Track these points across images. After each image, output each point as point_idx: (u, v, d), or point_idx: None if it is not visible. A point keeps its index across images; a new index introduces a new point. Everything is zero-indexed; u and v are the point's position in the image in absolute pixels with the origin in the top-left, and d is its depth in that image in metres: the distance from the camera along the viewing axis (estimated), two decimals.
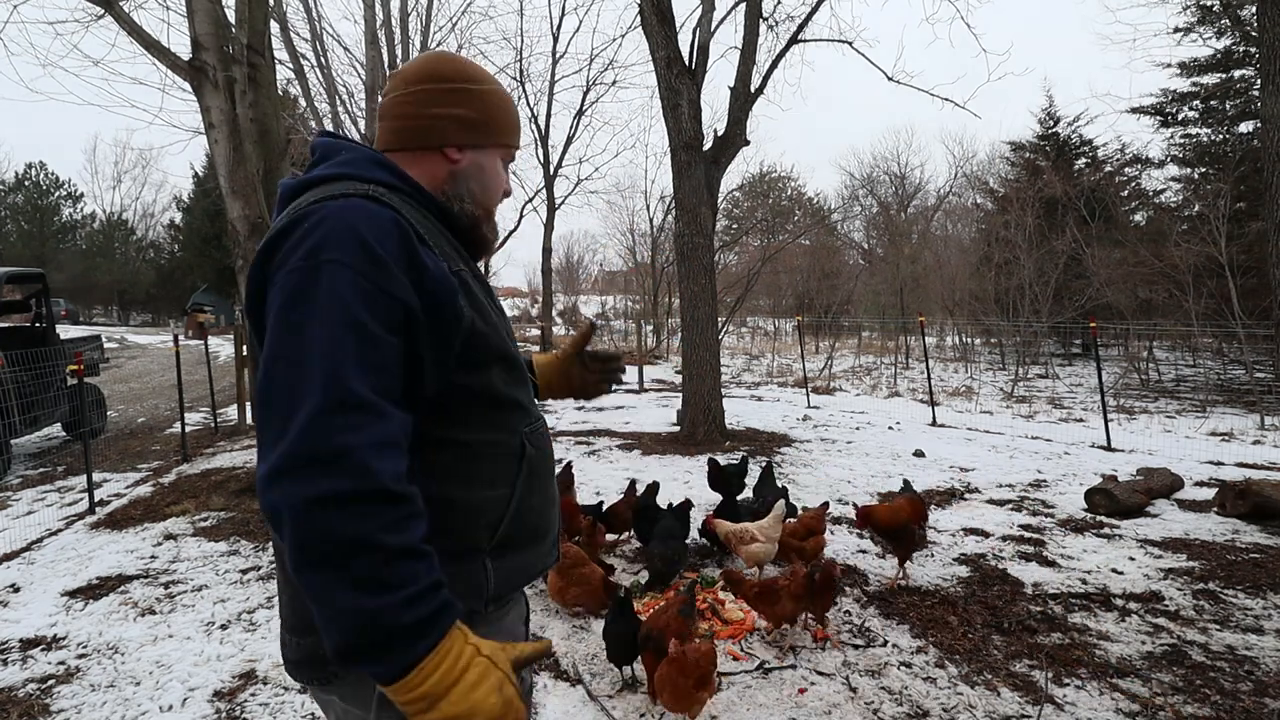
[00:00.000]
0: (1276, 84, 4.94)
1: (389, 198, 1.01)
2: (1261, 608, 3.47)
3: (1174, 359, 14.72)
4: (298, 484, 0.82)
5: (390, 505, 0.85)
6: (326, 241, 0.92)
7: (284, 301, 0.90)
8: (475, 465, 1.06)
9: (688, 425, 7.81)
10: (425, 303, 0.96)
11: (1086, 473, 6.19)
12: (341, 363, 0.87)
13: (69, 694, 2.89)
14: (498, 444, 1.09)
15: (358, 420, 0.85)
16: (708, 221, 7.76)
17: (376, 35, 14.01)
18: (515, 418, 1.12)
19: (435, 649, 0.85)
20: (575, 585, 3.27)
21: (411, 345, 0.95)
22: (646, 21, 7.54)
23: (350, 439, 0.84)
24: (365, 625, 0.82)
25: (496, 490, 1.08)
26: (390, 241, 0.94)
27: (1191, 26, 14.61)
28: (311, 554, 0.82)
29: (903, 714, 2.61)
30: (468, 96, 1.14)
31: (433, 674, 0.84)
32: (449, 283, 0.99)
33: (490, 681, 0.87)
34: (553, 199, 21.71)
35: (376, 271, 0.92)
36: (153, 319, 41.76)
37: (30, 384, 7.14)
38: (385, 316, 0.91)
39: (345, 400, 0.85)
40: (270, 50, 5.74)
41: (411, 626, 0.83)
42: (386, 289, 0.92)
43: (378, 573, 0.82)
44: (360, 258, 0.91)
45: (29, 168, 39.76)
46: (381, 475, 0.84)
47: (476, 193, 1.17)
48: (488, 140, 1.17)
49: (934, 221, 28.30)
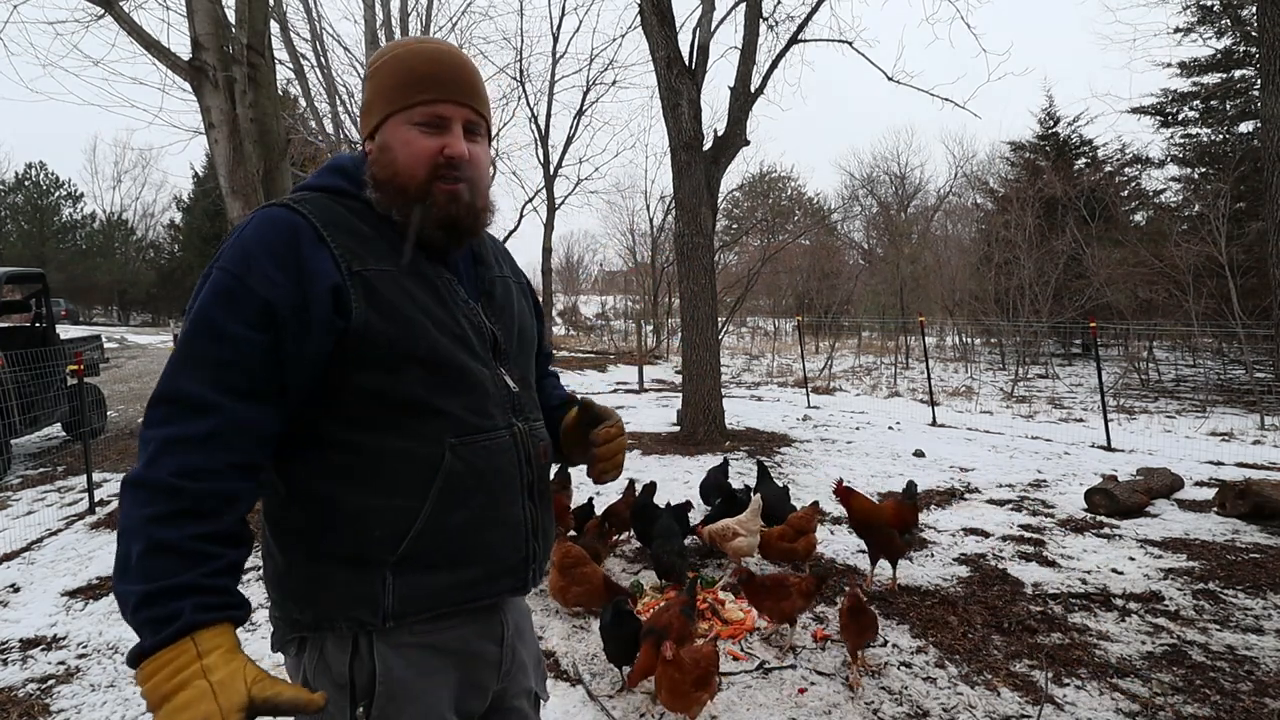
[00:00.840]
0: (1276, 84, 4.94)
1: (307, 203, 1.04)
2: (1261, 608, 3.47)
3: (1174, 359, 14.72)
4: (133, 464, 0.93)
5: (164, 497, 0.88)
6: (224, 251, 0.99)
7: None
8: (373, 471, 1.01)
9: (688, 425, 7.81)
10: (298, 300, 0.96)
11: (1086, 473, 6.19)
12: (180, 360, 0.94)
13: (69, 694, 2.89)
14: (406, 452, 1.02)
15: (167, 413, 0.92)
16: (708, 221, 7.76)
17: (376, 35, 14.02)
18: (437, 426, 1.03)
19: (155, 655, 0.83)
20: (576, 585, 3.26)
21: (276, 340, 0.96)
22: (646, 21, 7.54)
23: (153, 432, 0.91)
24: (120, 603, 0.87)
25: (396, 501, 1.01)
26: (276, 241, 0.98)
27: (1191, 26, 14.62)
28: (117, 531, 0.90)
29: (903, 714, 2.61)
30: (368, 82, 1.11)
31: (150, 679, 0.83)
32: (326, 279, 0.97)
33: (198, 710, 0.80)
34: (553, 199, 21.70)
35: (245, 270, 0.96)
36: (153, 319, 41.74)
37: (30, 384, 7.13)
38: (243, 313, 0.94)
39: (165, 394, 0.93)
40: (270, 50, 5.74)
41: (141, 623, 0.85)
42: (251, 286, 0.95)
43: (133, 560, 0.86)
44: (236, 260, 0.97)
45: (29, 168, 39.74)
46: (164, 466, 0.89)
47: (378, 174, 1.06)
48: (380, 113, 1.07)
49: (934, 221, 28.28)
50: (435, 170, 1.05)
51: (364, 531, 1.01)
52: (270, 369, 0.96)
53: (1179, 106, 15.86)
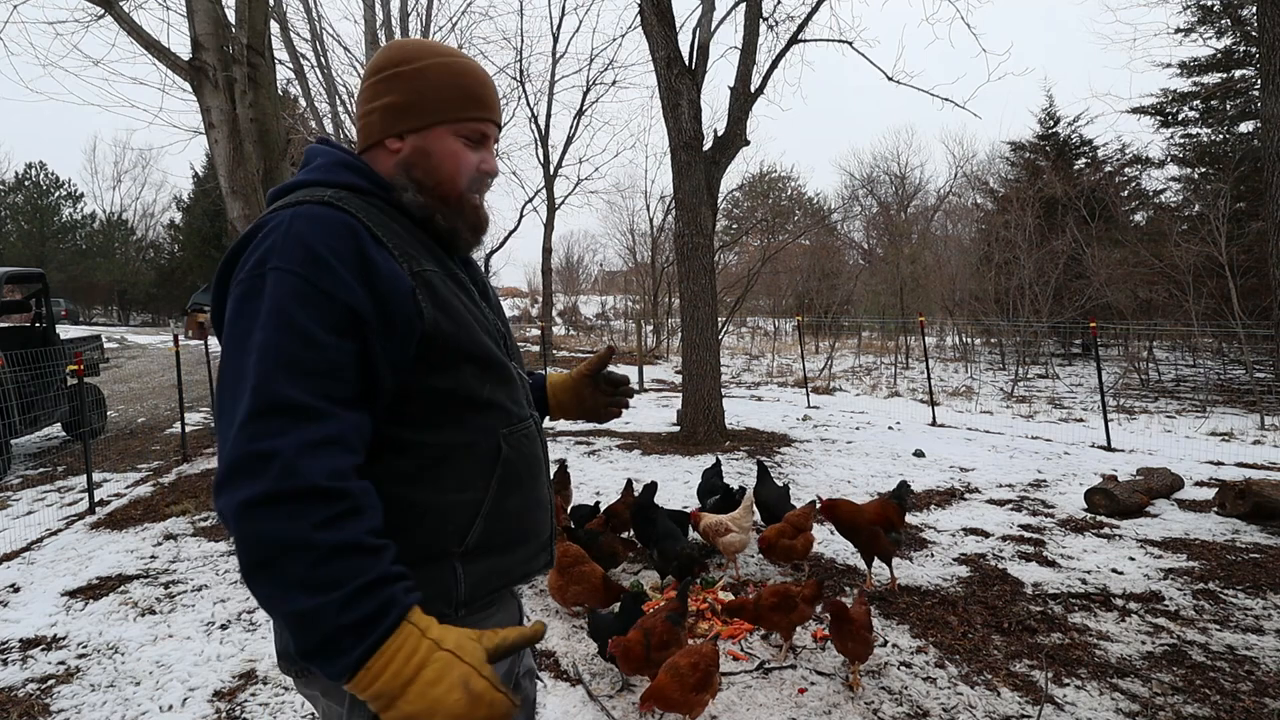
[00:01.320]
0: (1276, 84, 4.94)
1: (347, 201, 1.01)
2: (1261, 608, 3.47)
3: (1174, 359, 14.71)
4: (233, 490, 0.83)
5: (322, 502, 0.83)
6: (273, 250, 0.93)
7: (232, 311, 0.93)
8: (443, 468, 1.03)
9: (688, 425, 7.81)
10: (377, 304, 0.95)
11: (1086, 473, 6.19)
12: (274, 368, 0.87)
13: (69, 694, 2.89)
14: (469, 446, 1.06)
15: (284, 423, 0.85)
16: (708, 221, 7.76)
17: (376, 35, 14.02)
18: (492, 419, 1.09)
19: (380, 648, 0.82)
20: (575, 584, 3.27)
21: (364, 346, 0.94)
22: (646, 21, 7.55)
23: (278, 442, 0.84)
24: (308, 626, 0.81)
25: (466, 494, 1.05)
26: (339, 244, 0.94)
27: (1192, 26, 14.61)
28: (250, 558, 0.82)
29: (903, 714, 2.61)
30: (397, 80, 1.09)
31: (383, 673, 0.81)
32: (402, 283, 0.98)
33: (451, 677, 0.83)
34: (553, 199, 21.72)
35: (320, 275, 0.91)
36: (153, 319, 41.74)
37: (30, 384, 7.13)
38: (331, 320, 0.91)
39: (274, 404, 0.85)
40: (270, 50, 5.74)
41: (350, 626, 0.81)
42: (330, 292, 0.91)
43: (312, 573, 0.81)
44: (305, 263, 0.92)
45: (29, 168, 39.74)
46: (310, 473, 0.83)
47: (422, 179, 1.09)
48: (425, 120, 1.09)
49: (934, 221, 28.28)
50: (472, 183, 1.13)
51: (439, 528, 1.03)
52: (361, 375, 0.94)
53: (1179, 106, 15.85)
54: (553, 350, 18.84)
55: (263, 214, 1.02)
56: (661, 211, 23.98)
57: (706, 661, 2.41)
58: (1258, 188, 10.48)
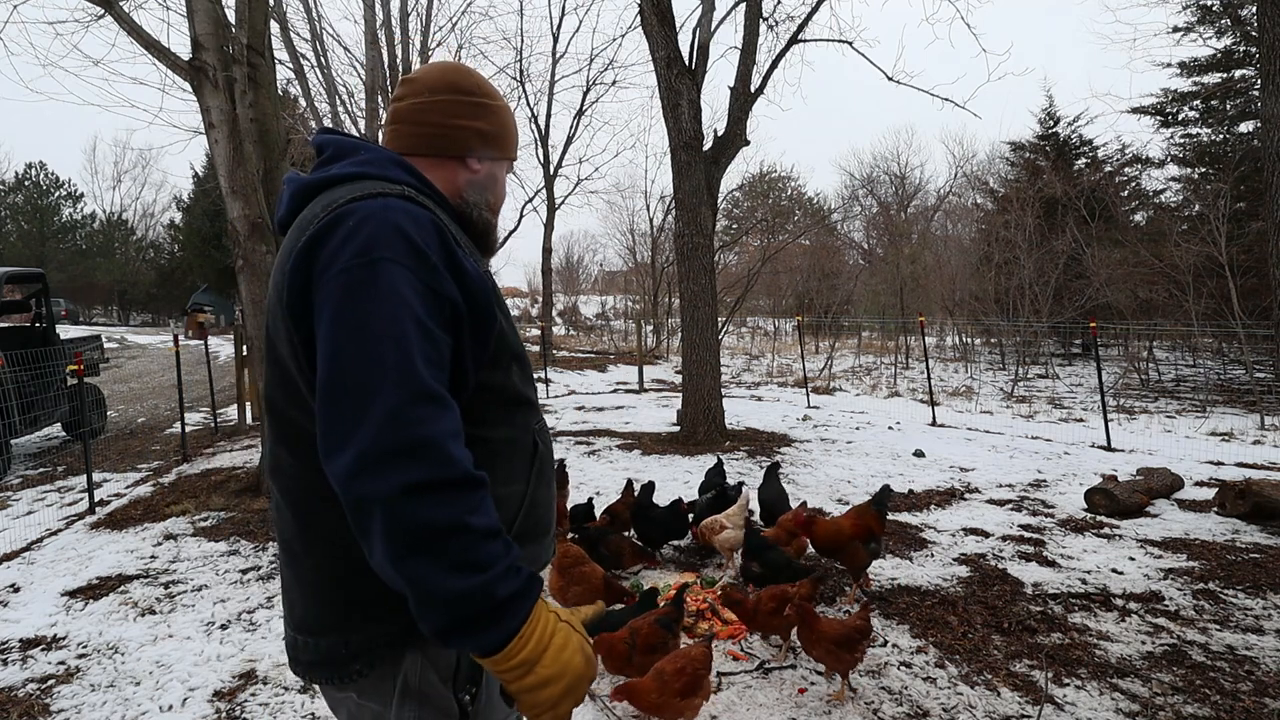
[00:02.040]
0: (1276, 84, 4.94)
1: (422, 199, 1.03)
2: (1261, 608, 3.47)
3: (1174, 359, 14.71)
4: (386, 476, 0.84)
5: (473, 490, 0.89)
6: (376, 240, 0.93)
7: (342, 298, 0.91)
8: (497, 462, 1.07)
9: (688, 425, 7.81)
10: (467, 302, 0.99)
11: (1086, 473, 6.19)
12: (411, 356, 0.90)
13: (69, 694, 2.89)
14: (515, 441, 1.12)
15: (434, 411, 0.89)
16: (708, 221, 7.77)
17: (376, 35, 14.01)
18: (529, 415, 1.16)
19: (529, 618, 0.91)
20: (575, 584, 3.26)
21: (459, 342, 0.98)
22: (646, 21, 7.55)
23: (431, 429, 0.88)
24: (465, 605, 0.86)
25: (513, 486, 1.11)
26: (434, 241, 0.97)
27: (1191, 26, 14.61)
28: (408, 542, 0.85)
29: (903, 714, 2.61)
30: (488, 111, 1.20)
31: (529, 641, 0.90)
32: (486, 283, 1.04)
33: (574, 643, 0.95)
34: (553, 199, 21.72)
35: (427, 270, 0.95)
36: (153, 319, 41.76)
37: (30, 384, 7.14)
38: (439, 314, 0.95)
39: (421, 392, 0.89)
40: (270, 50, 5.74)
41: (506, 601, 0.89)
42: (436, 288, 0.95)
43: (471, 554, 0.87)
44: (411, 256, 0.94)
45: (29, 168, 39.77)
46: (463, 461, 0.89)
47: (491, 202, 1.23)
48: (501, 153, 1.23)
49: (934, 221, 28.29)
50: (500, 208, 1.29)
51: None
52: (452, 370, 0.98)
53: (1179, 106, 15.85)
54: (553, 350, 18.83)
55: (336, 199, 0.99)
56: (661, 211, 24.02)
57: (695, 666, 2.38)
58: (1258, 188, 10.49)
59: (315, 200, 1.04)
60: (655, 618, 2.69)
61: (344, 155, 1.10)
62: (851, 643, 2.64)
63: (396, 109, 1.18)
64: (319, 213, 0.99)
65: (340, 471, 0.86)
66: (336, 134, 1.15)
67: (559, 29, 20.06)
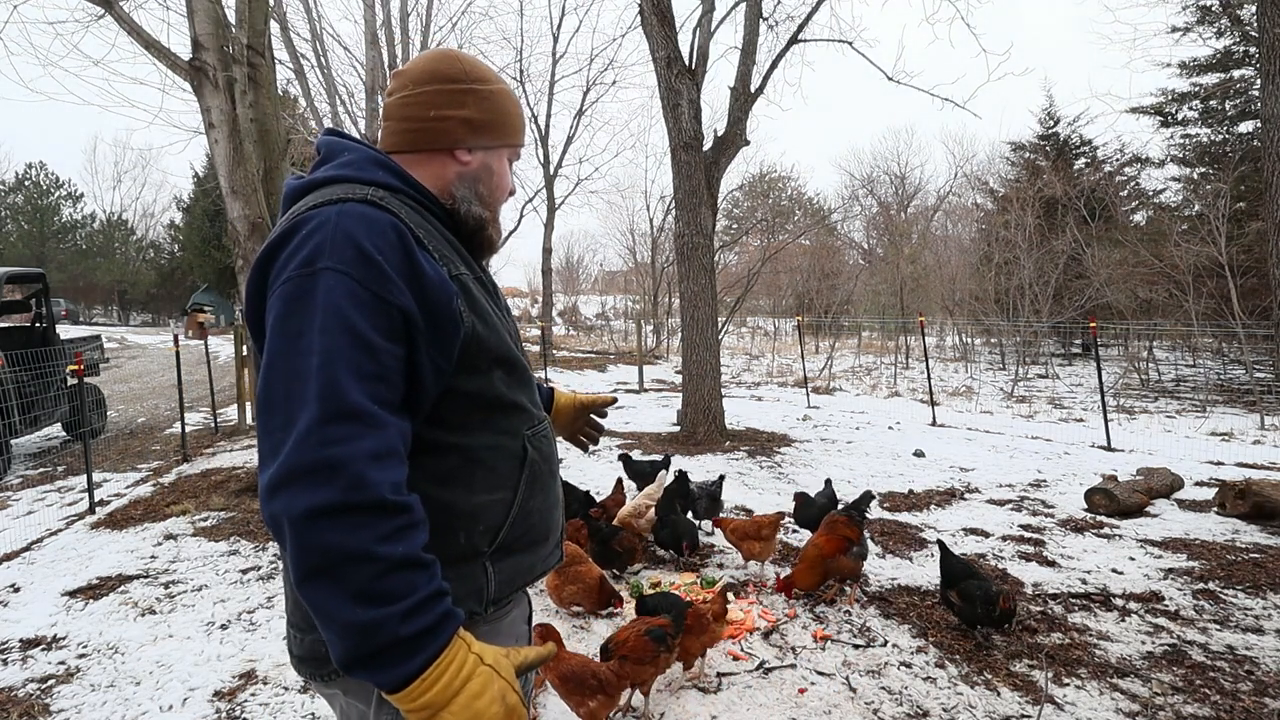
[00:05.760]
0: (1276, 84, 4.94)
1: (389, 201, 0.99)
2: (1261, 608, 3.47)
3: (1174, 359, 14.71)
4: (295, 495, 0.82)
5: (386, 516, 0.84)
6: (322, 248, 0.90)
7: (281, 310, 0.90)
8: (476, 470, 1.05)
9: (688, 425, 7.81)
10: (424, 309, 0.94)
11: (1086, 473, 6.19)
12: (337, 372, 0.86)
13: (69, 694, 2.89)
14: (499, 448, 1.08)
15: (353, 430, 0.85)
16: (708, 221, 7.77)
17: (376, 35, 14.02)
18: (517, 420, 1.11)
19: (436, 660, 0.84)
20: (571, 584, 3.26)
21: (412, 352, 0.94)
22: (646, 21, 7.55)
23: (346, 450, 0.83)
24: (363, 637, 0.82)
25: (497, 494, 1.07)
26: (388, 247, 0.93)
27: (1191, 26, 14.62)
28: (309, 566, 0.82)
29: (903, 714, 2.61)
30: (476, 97, 1.12)
31: (434, 684, 0.84)
32: (447, 288, 0.98)
33: (493, 690, 0.87)
34: (553, 199, 21.73)
35: (374, 278, 0.90)
36: (153, 319, 41.77)
37: (30, 384, 7.14)
38: (384, 324, 0.90)
39: (341, 410, 0.85)
40: (270, 50, 5.74)
41: (410, 639, 0.83)
42: (384, 296, 0.90)
43: (375, 585, 0.82)
44: (358, 265, 0.90)
45: (29, 168, 39.80)
46: (378, 486, 0.84)
47: (484, 195, 1.15)
48: (496, 141, 1.16)
49: (934, 221, 28.30)
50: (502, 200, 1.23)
51: (472, 529, 1.05)
52: (408, 382, 0.94)
53: (1179, 106, 15.85)
54: (552, 350, 18.83)
55: (300, 207, 0.98)
56: (661, 211, 24.03)
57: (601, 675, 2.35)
58: (1258, 188, 10.48)
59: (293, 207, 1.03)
60: (642, 628, 2.53)
61: (332, 157, 1.09)
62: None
63: (386, 105, 1.16)
64: (281, 221, 0.99)
65: (261, 487, 0.85)
66: (337, 135, 1.13)
67: (559, 29, 20.10)
